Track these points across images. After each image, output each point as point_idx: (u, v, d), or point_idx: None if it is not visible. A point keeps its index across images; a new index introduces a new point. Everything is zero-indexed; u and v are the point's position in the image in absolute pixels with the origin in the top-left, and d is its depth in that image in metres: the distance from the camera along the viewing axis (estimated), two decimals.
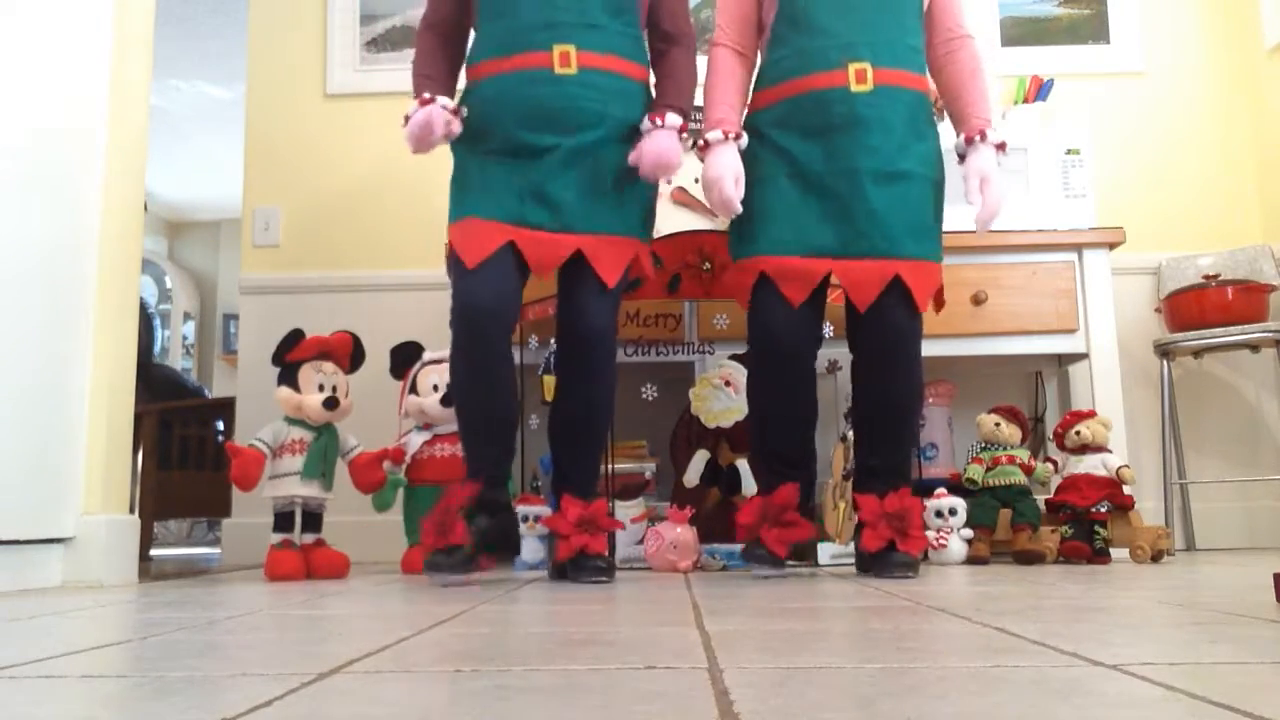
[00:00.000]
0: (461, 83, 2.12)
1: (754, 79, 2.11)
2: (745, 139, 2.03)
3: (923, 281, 1.97)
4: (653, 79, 2.11)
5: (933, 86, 2.10)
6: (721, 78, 2.09)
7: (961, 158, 2.04)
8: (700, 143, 2.04)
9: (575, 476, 2.09)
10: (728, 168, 1.97)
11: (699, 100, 2.13)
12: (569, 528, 2.00)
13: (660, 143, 1.96)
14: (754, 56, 2.13)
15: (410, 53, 3.43)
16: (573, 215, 1.97)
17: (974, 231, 2.07)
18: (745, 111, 2.11)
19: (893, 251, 1.95)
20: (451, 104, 2.01)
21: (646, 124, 1.99)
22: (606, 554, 2.01)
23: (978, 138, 2.00)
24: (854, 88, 1.93)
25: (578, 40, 1.95)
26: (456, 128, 1.99)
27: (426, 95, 2.00)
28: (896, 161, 1.95)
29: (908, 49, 1.99)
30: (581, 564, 1.98)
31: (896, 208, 1.95)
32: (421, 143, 1.98)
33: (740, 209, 1.99)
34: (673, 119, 1.98)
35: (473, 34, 2.11)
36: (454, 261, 1.97)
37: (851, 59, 1.94)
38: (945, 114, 2.15)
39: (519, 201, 1.95)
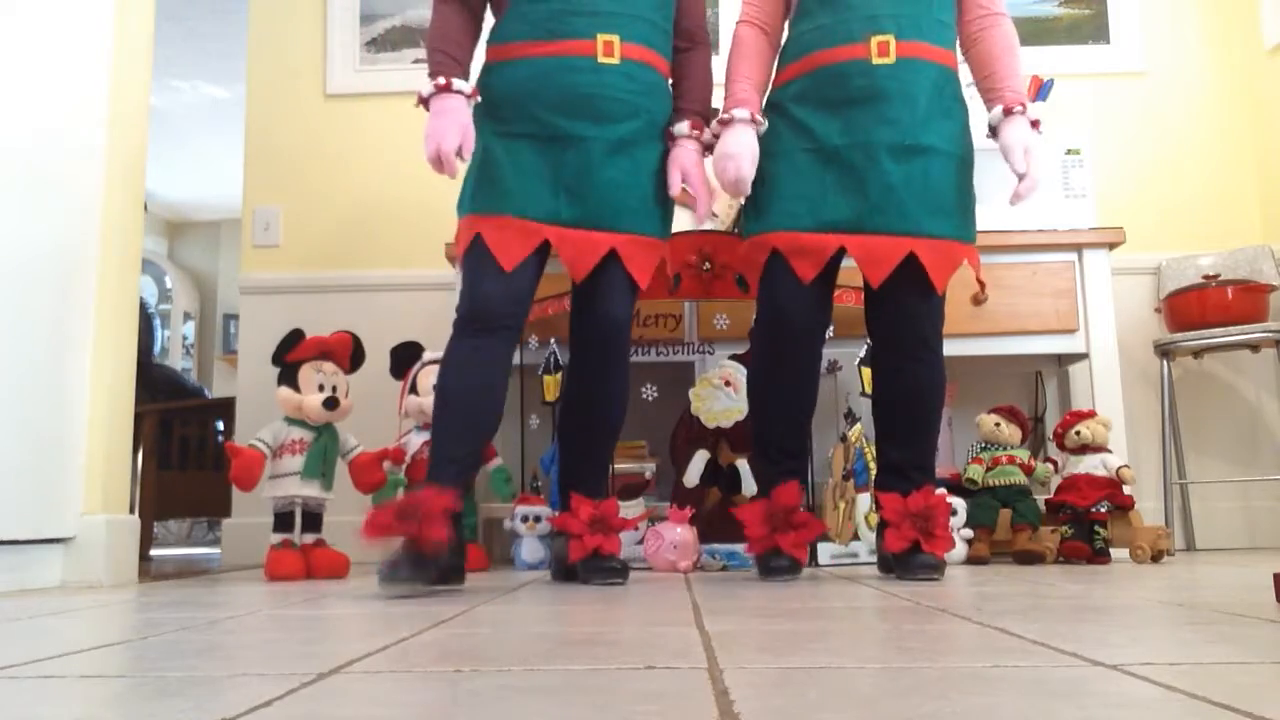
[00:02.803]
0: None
1: (778, 55, 2.07)
2: (765, 124, 2.00)
3: (940, 261, 1.90)
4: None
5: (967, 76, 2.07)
6: (744, 53, 2.05)
7: (993, 131, 1.97)
8: (721, 118, 1.99)
9: (586, 474, 2.04)
10: (746, 147, 1.95)
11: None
12: (582, 528, 1.95)
13: (690, 158, 1.99)
14: (779, 34, 2.09)
15: (410, 53, 3.48)
16: (607, 211, 1.93)
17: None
18: (769, 89, 2.07)
19: (908, 228, 1.89)
20: (468, 88, 1.90)
21: (680, 128, 1.99)
22: (619, 554, 1.97)
23: (1017, 109, 1.93)
24: (875, 60, 1.89)
25: (622, 30, 1.91)
26: (468, 150, 1.89)
27: (442, 80, 1.88)
28: (917, 135, 1.90)
29: (935, 22, 1.94)
30: (595, 565, 1.93)
31: (915, 183, 1.89)
32: (441, 163, 1.87)
33: (749, 190, 1.97)
34: (686, 129, 2.00)
35: (490, 11, 2.03)
36: (480, 259, 1.87)
37: (874, 31, 1.89)
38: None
39: (553, 195, 1.90)
